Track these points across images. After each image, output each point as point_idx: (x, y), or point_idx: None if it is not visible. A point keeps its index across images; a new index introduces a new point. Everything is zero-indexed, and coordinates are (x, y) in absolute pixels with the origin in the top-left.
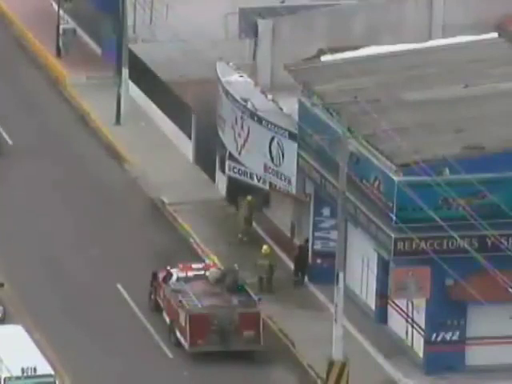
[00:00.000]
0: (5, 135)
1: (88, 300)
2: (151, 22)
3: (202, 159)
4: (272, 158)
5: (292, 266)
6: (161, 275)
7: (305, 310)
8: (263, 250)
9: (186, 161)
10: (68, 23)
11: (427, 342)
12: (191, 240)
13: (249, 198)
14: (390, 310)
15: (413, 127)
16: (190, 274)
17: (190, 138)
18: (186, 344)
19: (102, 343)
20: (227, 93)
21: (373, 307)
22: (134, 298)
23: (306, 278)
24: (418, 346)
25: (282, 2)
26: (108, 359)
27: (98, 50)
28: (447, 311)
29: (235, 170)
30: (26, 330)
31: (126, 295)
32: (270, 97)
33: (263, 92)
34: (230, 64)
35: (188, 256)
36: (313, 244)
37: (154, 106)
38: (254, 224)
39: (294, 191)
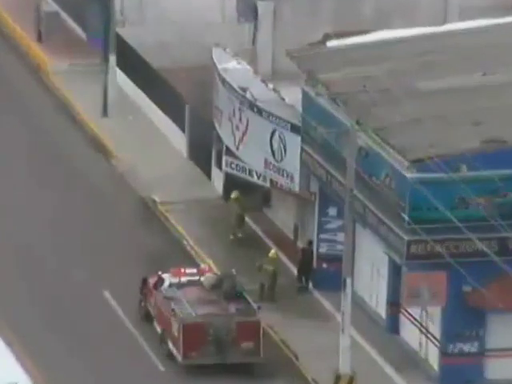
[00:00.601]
0: None
1: (72, 309)
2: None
3: (197, 154)
4: (273, 153)
5: (295, 270)
6: (151, 281)
7: (309, 318)
8: (270, 254)
9: (179, 156)
10: (50, 6)
11: (443, 354)
12: (184, 242)
13: (233, 195)
14: (402, 318)
15: (427, 119)
16: (184, 279)
17: (184, 130)
18: (178, 356)
19: (88, 356)
20: (224, 81)
21: (383, 316)
22: (123, 307)
23: (311, 284)
24: (432, 358)
25: None
26: (95, 373)
27: (83, 35)
28: (465, 320)
29: (233, 166)
30: (6, 344)
31: (113, 303)
32: (270, 86)
33: (263, 80)
34: (227, 50)
35: (181, 260)
36: (318, 247)
37: (144, 96)
38: (254, 225)
39: (297, 189)
